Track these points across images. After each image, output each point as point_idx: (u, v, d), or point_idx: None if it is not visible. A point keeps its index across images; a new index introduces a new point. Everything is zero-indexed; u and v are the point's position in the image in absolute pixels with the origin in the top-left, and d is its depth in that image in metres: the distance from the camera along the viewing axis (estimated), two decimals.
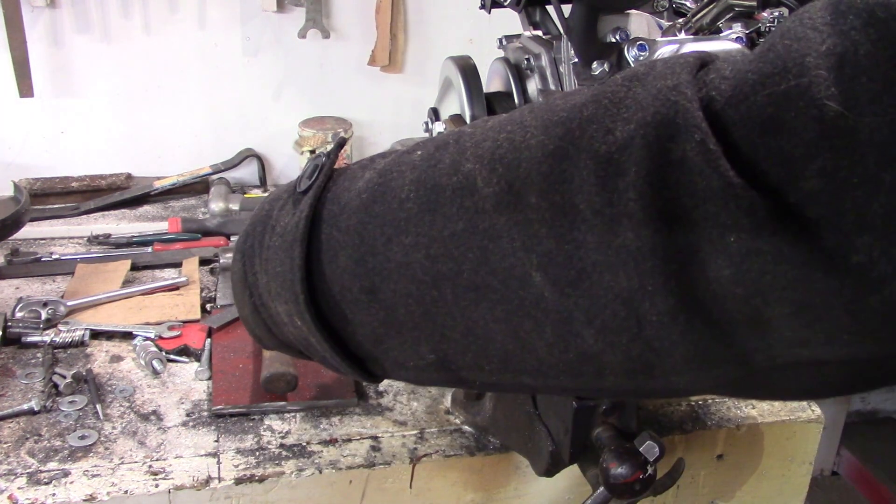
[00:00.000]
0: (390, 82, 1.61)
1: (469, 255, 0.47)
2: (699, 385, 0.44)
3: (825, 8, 0.36)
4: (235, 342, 1.04)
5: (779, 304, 0.37)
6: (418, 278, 0.50)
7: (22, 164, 1.50)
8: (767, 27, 0.85)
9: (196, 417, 0.91)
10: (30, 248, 1.29)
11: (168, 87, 1.52)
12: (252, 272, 0.61)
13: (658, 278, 0.40)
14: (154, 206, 1.47)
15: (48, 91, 1.47)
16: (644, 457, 0.71)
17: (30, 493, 0.79)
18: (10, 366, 0.99)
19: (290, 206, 0.58)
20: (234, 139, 1.58)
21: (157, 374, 0.98)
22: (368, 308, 0.53)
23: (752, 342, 0.40)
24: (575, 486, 0.91)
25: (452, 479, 0.88)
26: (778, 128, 0.35)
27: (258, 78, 1.56)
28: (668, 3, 0.86)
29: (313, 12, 1.50)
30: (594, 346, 0.44)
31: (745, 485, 0.98)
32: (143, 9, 1.46)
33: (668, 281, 0.40)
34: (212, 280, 1.21)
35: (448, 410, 0.94)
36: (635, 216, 0.39)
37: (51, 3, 1.41)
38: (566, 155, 0.42)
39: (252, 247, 0.61)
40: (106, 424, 0.90)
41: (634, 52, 0.74)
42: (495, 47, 0.97)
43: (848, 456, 2.38)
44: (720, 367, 0.42)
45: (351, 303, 0.54)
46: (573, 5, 0.79)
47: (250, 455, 0.86)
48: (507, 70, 0.93)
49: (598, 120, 0.42)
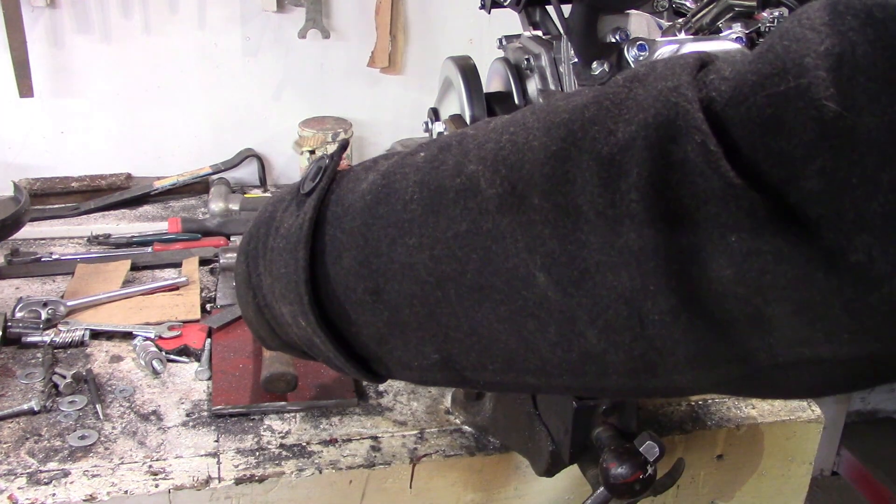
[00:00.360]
0: (390, 83, 1.61)
1: (473, 255, 0.47)
2: (701, 384, 0.44)
3: (823, 8, 0.36)
4: (235, 342, 1.04)
5: (779, 303, 0.38)
6: (422, 279, 0.50)
7: (22, 164, 1.50)
8: (767, 27, 0.85)
9: (196, 417, 0.91)
10: (30, 248, 1.29)
11: (168, 88, 1.52)
12: (256, 273, 0.62)
13: (660, 278, 0.40)
14: (154, 206, 1.47)
15: (48, 91, 1.47)
16: (644, 457, 0.71)
17: (30, 493, 0.79)
18: (10, 366, 0.99)
19: (294, 207, 0.58)
20: (234, 139, 1.58)
21: (157, 374, 0.98)
22: (373, 309, 0.53)
23: (753, 341, 0.40)
24: (575, 486, 0.91)
25: (452, 479, 0.88)
26: (777, 128, 0.36)
27: (258, 78, 1.56)
28: (668, 3, 0.86)
29: (313, 12, 1.50)
30: (597, 346, 0.44)
31: (745, 485, 0.98)
32: (143, 9, 1.46)
33: (670, 280, 0.40)
34: (212, 280, 1.21)
35: (448, 410, 0.94)
36: (637, 217, 0.40)
37: (51, 3, 1.41)
38: (568, 156, 0.43)
39: (255, 248, 0.61)
40: (106, 424, 0.90)
41: (634, 52, 0.74)
42: (495, 47, 0.97)
43: (848, 456, 2.38)
44: (722, 366, 0.42)
45: (355, 303, 0.54)
46: (573, 5, 0.79)
47: (250, 455, 0.86)
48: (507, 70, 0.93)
49: (599, 121, 0.42)
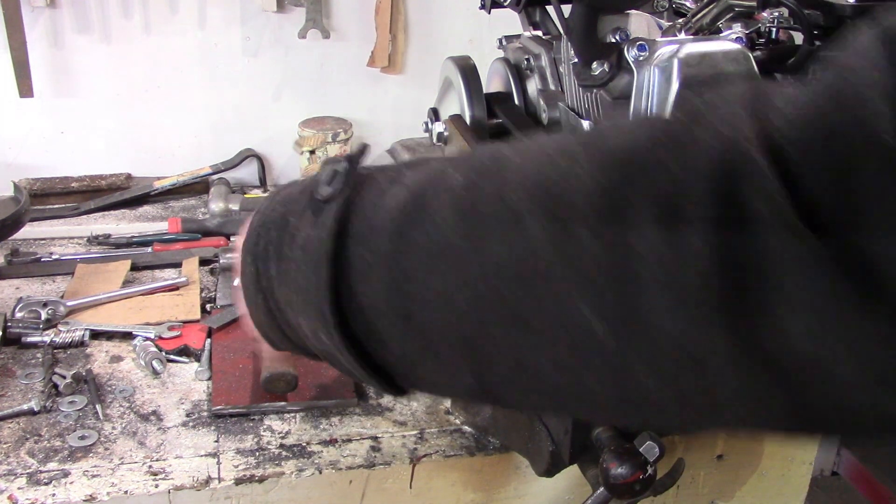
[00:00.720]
0: (390, 83, 1.61)
1: (518, 291, 0.45)
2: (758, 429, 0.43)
3: (877, 41, 0.35)
4: (235, 342, 1.04)
5: (850, 362, 0.37)
6: (461, 310, 0.48)
7: (22, 164, 1.50)
8: (767, 27, 0.85)
9: (196, 417, 0.91)
10: (30, 248, 1.29)
11: (168, 88, 1.52)
12: (266, 277, 0.59)
13: (722, 328, 0.39)
14: (154, 207, 1.47)
15: (48, 91, 1.47)
16: (644, 457, 0.71)
17: (30, 494, 0.79)
18: (10, 366, 0.99)
19: (310, 214, 0.55)
20: (233, 139, 1.58)
21: (157, 375, 0.98)
22: (403, 332, 0.52)
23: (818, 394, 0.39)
24: (575, 486, 0.91)
25: (452, 479, 0.88)
26: (845, 172, 0.35)
27: (258, 78, 1.56)
28: (668, 3, 0.86)
29: (313, 12, 1.50)
30: (654, 391, 0.43)
31: (745, 485, 0.98)
32: (143, 9, 1.46)
33: (734, 332, 0.39)
34: (212, 280, 1.21)
35: (448, 410, 0.94)
36: (700, 263, 0.38)
37: (51, 3, 1.41)
38: (623, 196, 0.41)
39: (266, 251, 0.59)
40: (106, 424, 0.90)
41: (634, 52, 0.74)
42: (495, 47, 0.97)
43: (848, 456, 2.38)
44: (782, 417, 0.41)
45: (384, 325, 0.52)
46: (573, 5, 0.79)
47: (250, 455, 0.86)
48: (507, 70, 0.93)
49: (658, 162, 0.41)
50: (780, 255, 0.36)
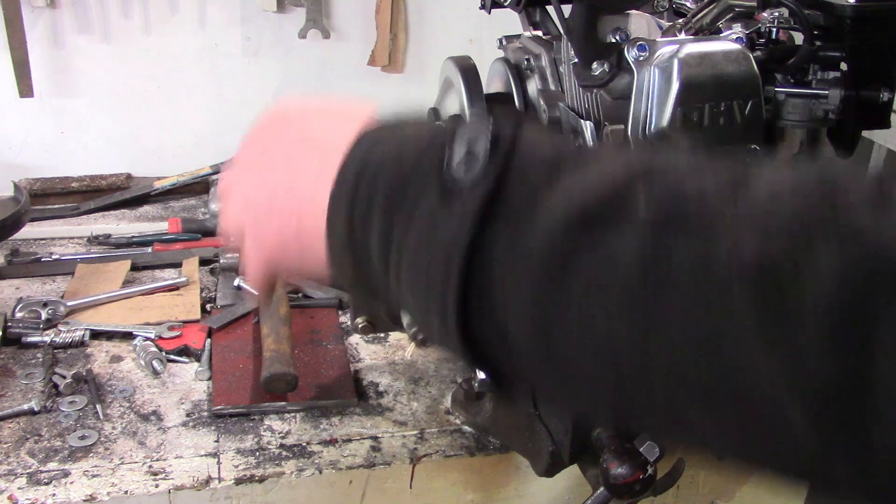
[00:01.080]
0: (390, 82, 1.61)
1: (702, 360, 0.38)
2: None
3: None
4: (235, 342, 1.04)
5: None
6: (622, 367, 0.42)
7: (22, 164, 1.50)
8: (767, 27, 0.85)
9: (196, 417, 0.91)
10: (30, 248, 1.28)
11: (168, 87, 1.52)
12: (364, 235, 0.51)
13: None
14: (154, 207, 1.47)
15: (48, 91, 1.47)
16: (644, 457, 0.71)
17: (30, 493, 0.79)
18: (10, 366, 0.99)
19: (437, 192, 0.47)
20: (234, 139, 1.57)
21: (157, 375, 0.98)
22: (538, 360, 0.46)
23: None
24: (575, 486, 0.91)
25: (452, 479, 0.88)
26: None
27: (258, 78, 1.56)
28: (668, 3, 0.86)
29: (313, 12, 1.50)
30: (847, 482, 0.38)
31: (745, 485, 0.98)
32: (143, 9, 1.46)
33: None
34: (212, 280, 1.21)
35: (448, 410, 0.94)
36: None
37: (51, 3, 1.41)
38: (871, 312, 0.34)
39: (370, 206, 0.51)
40: (106, 424, 0.90)
41: (634, 52, 0.74)
42: (495, 47, 0.97)
43: None
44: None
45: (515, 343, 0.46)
46: (573, 5, 0.79)
47: (250, 455, 0.86)
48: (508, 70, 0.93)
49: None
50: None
